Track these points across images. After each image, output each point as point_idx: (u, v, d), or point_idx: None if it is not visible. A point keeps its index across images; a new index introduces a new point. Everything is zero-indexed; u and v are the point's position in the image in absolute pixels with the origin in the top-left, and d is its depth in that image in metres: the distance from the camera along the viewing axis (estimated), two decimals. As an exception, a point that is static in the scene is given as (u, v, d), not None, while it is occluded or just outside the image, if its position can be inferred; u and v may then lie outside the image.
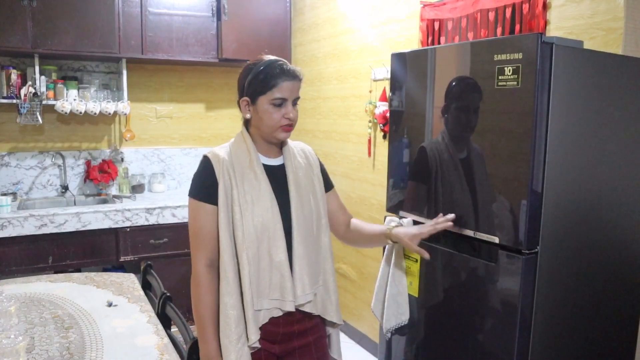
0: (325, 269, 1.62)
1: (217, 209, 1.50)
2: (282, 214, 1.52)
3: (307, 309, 1.56)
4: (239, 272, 1.48)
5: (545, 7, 2.02)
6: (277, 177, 1.56)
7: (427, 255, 1.63)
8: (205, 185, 1.52)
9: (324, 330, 1.67)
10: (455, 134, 1.74)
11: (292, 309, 1.51)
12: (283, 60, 1.53)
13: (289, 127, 1.52)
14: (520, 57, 1.47)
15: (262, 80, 1.48)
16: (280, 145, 1.60)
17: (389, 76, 2.52)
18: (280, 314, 1.52)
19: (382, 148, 3.00)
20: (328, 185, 1.71)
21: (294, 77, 1.50)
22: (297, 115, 1.54)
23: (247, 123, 1.58)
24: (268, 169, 1.56)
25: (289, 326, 1.55)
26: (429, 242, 1.77)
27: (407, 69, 1.96)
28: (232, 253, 1.49)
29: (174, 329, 1.84)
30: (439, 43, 2.51)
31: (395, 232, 1.64)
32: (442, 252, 1.79)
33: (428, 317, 1.88)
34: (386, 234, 1.66)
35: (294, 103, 1.52)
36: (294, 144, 1.67)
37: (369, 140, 3.11)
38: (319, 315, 1.61)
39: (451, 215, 1.67)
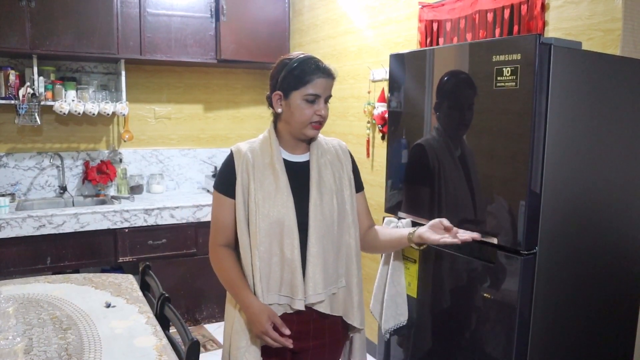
0: (349, 270, 1.59)
1: (234, 202, 1.54)
2: (299, 211, 1.51)
3: (320, 309, 1.53)
4: (252, 266, 1.51)
5: (543, 8, 2.02)
6: (300, 174, 1.56)
7: (458, 240, 1.52)
8: (225, 179, 1.57)
9: (343, 333, 1.64)
10: (452, 134, 1.75)
11: (302, 308, 1.50)
12: (317, 57, 1.54)
13: (319, 124, 1.52)
14: (519, 58, 1.47)
15: (296, 76, 1.49)
16: (309, 141, 1.59)
17: (387, 77, 2.52)
18: (292, 311, 1.52)
19: (381, 149, 3.00)
20: (357, 187, 1.68)
21: (329, 74, 1.51)
22: (328, 114, 1.54)
23: (276, 118, 1.59)
24: (291, 165, 1.56)
25: (304, 324, 1.55)
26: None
27: (406, 70, 1.96)
28: (249, 247, 1.52)
29: (172, 330, 1.84)
30: (437, 44, 2.52)
31: (418, 234, 1.57)
32: (441, 253, 1.79)
33: (427, 317, 1.88)
34: (408, 239, 1.60)
35: (326, 101, 1.52)
36: (327, 140, 1.66)
37: (368, 141, 3.11)
38: (341, 317, 1.60)
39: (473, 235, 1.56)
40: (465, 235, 1.54)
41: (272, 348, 1.50)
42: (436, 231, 1.56)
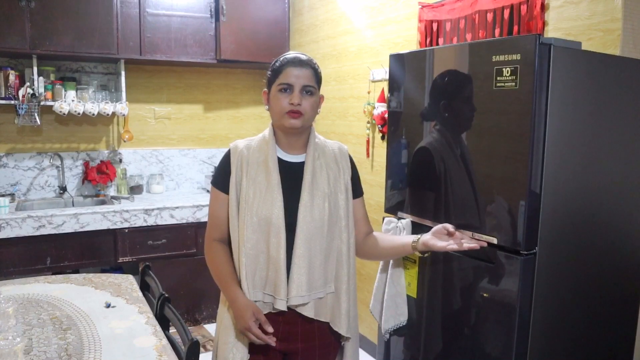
0: (339, 276, 1.56)
1: (228, 197, 1.56)
2: (288, 211, 1.50)
3: (304, 312, 1.52)
4: (239, 262, 1.52)
5: (543, 8, 2.02)
6: (294, 174, 1.55)
7: (464, 248, 1.54)
8: (221, 174, 1.59)
9: (334, 338, 1.61)
10: (452, 134, 1.75)
11: (283, 308, 1.49)
12: (300, 52, 1.58)
13: (295, 113, 1.50)
14: (519, 58, 1.47)
15: (273, 70, 1.55)
16: (306, 141, 1.58)
17: (387, 77, 2.52)
18: (275, 310, 1.52)
19: (381, 149, 3.00)
20: (356, 193, 1.66)
21: (300, 63, 1.52)
22: (310, 105, 1.51)
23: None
24: (286, 164, 1.56)
25: (291, 326, 1.54)
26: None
27: (406, 70, 1.96)
28: (237, 243, 1.53)
29: (172, 330, 1.84)
30: (437, 44, 2.52)
31: (423, 242, 1.58)
32: (441, 253, 1.78)
33: (426, 318, 1.88)
34: (413, 247, 1.60)
35: (306, 91, 1.51)
36: (328, 143, 1.65)
37: (367, 141, 3.11)
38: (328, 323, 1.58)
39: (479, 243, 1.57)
40: (471, 244, 1.55)
41: (261, 346, 1.50)
42: (440, 237, 1.57)
